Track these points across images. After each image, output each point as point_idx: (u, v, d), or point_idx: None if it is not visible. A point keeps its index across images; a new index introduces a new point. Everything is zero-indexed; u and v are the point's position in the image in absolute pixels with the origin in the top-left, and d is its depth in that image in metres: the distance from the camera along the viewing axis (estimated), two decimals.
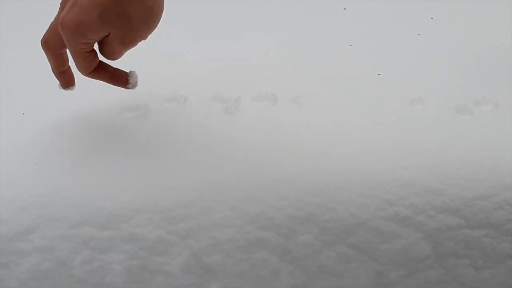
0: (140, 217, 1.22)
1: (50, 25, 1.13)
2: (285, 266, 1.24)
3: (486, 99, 1.46)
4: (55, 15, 1.11)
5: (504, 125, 1.39)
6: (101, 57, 1.20)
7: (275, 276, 1.24)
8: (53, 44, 1.13)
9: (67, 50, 1.14)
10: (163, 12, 1.13)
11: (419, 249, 1.25)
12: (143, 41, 1.16)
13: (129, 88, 1.28)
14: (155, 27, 1.14)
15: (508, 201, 1.27)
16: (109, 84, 1.42)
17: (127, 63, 1.67)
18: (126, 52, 1.30)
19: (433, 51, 1.69)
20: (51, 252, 1.20)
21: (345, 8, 1.95)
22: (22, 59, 1.64)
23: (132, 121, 1.38)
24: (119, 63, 1.66)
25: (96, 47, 1.17)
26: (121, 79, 1.27)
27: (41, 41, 1.16)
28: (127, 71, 1.29)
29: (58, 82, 1.26)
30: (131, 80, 1.28)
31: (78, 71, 1.21)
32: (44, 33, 1.15)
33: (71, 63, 1.19)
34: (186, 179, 1.25)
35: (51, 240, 1.20)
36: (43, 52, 1.17)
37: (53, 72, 1.23)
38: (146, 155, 1.29)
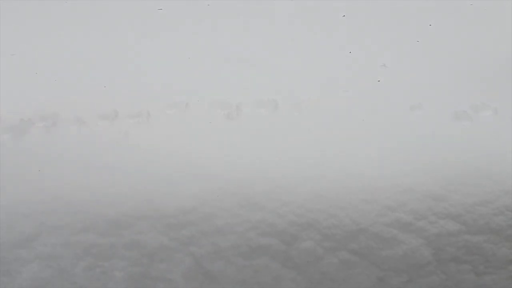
0: (142, 224, 1.22)
1: None
2: (287, 273, 1.24)
3: (485, 105, 1.47)
4: None
5: (503, 131, 1.39)
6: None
7: (277, 283, 1.24)
8: None
9: None
10: None
11: (421, 255, 1.26)
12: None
13: None
14: None
15: (508, 207, 1.27)
16: (109, 92, 1.43)
17: (129, 67, 1.68)
18: (130, 57, 1.32)
19: (432, 58, 1.70)
20: (53, 259, 1.20)
21: (344, 15, 1.97)
22: (24, 64, 1.65)
23: (134, 127, 1.39)
24: (117, 71, 1.65)
25: None
26: None
27: None
28: None
29: None
30: None
31: None
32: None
33: None
34: (188, 185, 1.25)
35: (53, 247, 1.20)
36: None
37: None
38: (147, 161, 1.29)
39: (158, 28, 1.90)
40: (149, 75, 1.61)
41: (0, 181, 1.25)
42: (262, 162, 1.30)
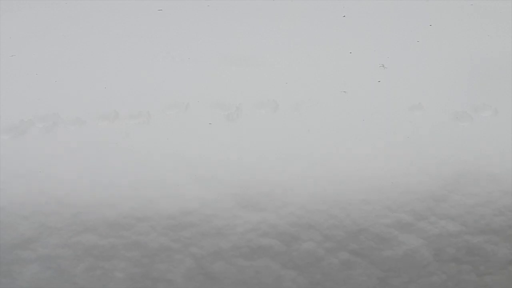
0: (143, 225, 1.22)
1: None
2: (288, 273, 1.24)
3: (485, 105, 1.47)
4: None
5: (503, 131, 1.39)
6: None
7: (278, 283, 1.24)
8: None
9: None
10: None
11: (421, 256, 1.26)
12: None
13: None
14: None
15: (508, 207, 1.27)
16: (109, 92, 1.42)
17: (129, 68, 1.68)
18: (130, 57, 1.30)
19: (432, 58, 1.70)
20: (53, 260, 1.20)
21: (344, 16, 1.97)
22: (24, 65, 1.65)
23: (134, 128, 1.39)
24: (114, 71, 1.65)
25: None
26: None
27: None
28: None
29: None
30: None
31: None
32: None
33: None
34: (188, 186, 1.25)
35: (53, 248, 1.20)
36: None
37: None
38: (148, 162, 1.29)
39: (158, 29, 1.90)
40: (150, 75, 1.61)
41: (0, 182, 1.25)
42: (263, 162, 1.30)
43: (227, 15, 1.99)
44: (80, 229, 1.21)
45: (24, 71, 1.63)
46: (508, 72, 1.62)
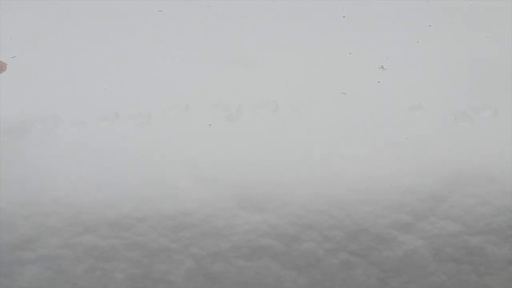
0: (143, 226, 1.22)
1: None
2: (288, 274, 1.24)
3: (485, 105, 1.47)
4: None
5: (503, 131, 1.39)
6: None
7: (278, 284, 1.24)
8: None
9: None
10: None
11: (421, 256, 1.26)
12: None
13: None
14: None
15: (508, 207, 1.27)
16: (109, 93, 1.43)
17: (129, 69, 1.68)
18: (130, 58, 1.31)
19: (432, 58, 1.70)
20: (54, 261, 1.20)
21: (344, 16, 1.97)
22: (25, 66, 1.65)
23: (135, 129, 1.39)
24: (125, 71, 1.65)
25: None
26: None
27: None
28: None
29: None
30: None
31: None
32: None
33: None
34: (188, 187, 1.25)
35: (54, 249, 1.20)
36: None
37: None
38: (148, 163, 1.29)
39: (158, 29, 1.90)
40: (150, 76, 1.61)
41: (0, 183, 1.25)
42: (263, 163, 1.30)
43: (227, 15, 1.98)
44: (80, 229, 1.21)
45: (24, 71, 1.63)
46: (508, 72, 1.61)
